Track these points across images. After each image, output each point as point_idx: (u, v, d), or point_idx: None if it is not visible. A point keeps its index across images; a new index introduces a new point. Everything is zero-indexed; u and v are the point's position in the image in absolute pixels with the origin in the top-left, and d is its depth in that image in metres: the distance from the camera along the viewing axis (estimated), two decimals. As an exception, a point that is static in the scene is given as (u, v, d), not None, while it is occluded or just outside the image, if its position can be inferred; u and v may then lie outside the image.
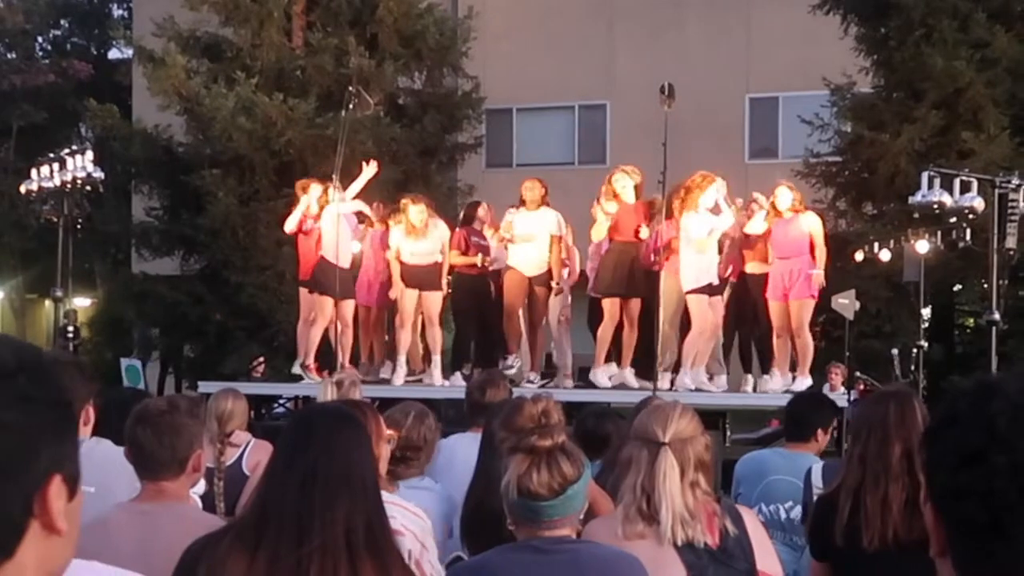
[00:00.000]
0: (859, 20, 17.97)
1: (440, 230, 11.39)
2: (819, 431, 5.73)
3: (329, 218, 11.04)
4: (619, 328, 11.03)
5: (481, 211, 11.82)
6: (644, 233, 10.78)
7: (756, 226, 10.81)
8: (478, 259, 11.22)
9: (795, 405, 6.02)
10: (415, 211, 11.21)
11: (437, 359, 11.38)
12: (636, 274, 10.83)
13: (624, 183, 10.93)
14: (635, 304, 10.92)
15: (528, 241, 11.09)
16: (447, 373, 11.54)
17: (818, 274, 10.49)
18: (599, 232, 11.16)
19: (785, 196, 10.63)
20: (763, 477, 5.57)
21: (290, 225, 11.66)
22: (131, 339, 22.57)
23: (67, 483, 1.29)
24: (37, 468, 1.26)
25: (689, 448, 3.34)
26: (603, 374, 11.11)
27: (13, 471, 1.24)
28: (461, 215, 12.27)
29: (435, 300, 11.36)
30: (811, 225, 10.64)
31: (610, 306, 11.00)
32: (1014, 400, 1.29)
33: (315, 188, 11.53)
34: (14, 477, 1.24)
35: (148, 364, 21.07)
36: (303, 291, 11.74)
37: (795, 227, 10.53)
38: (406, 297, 11.27)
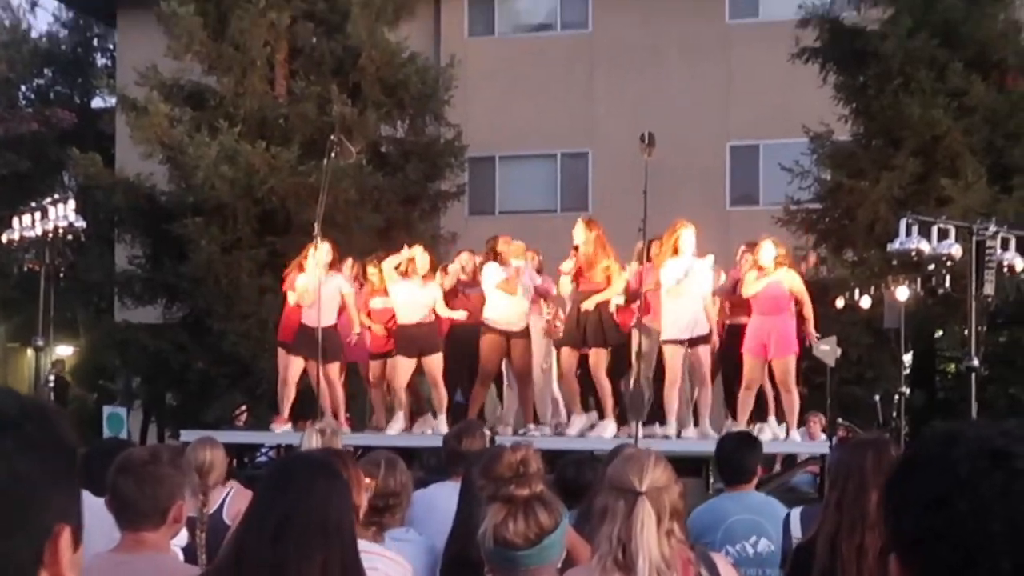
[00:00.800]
0: (837, 69, 18.13)
1: (435, 287, 11.37)
2: (758, 469, 5.83)
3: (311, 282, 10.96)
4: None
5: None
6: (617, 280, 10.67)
7: (754, 288, 10.51)
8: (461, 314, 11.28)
9: (728, 450, 5.88)
10: (423, 257, 11.28)
11: (442, 418, 11.17)
12: (593, 324, 10.60)
13: (579, 235, 10.75)
14: (595, 354, 10.69)
15: (506, 295, 10.98)
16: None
17: (811, 333, 10.64)
18: (563, 287, 11.08)
19: (768, 251, 10.51)
20: (721, 522, 5.54)
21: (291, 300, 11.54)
22: (114, 387, 22.46)
23: (74, 534, 1.30)
24: (48, 518, 1.27)
25: (665, 496, 3.35)
26: (576, 426, 11.00)
27: (25, 520, 1.24)
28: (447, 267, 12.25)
29: (436, 362, 11.20)
30: (791, 282, 10.57)
31: (565, 356, 10.87)
32: (973, 447, 1.34)
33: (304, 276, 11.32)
34: (26, 526, 1.24)
35: (131, 412, 20.95)
36: (281, 351, 11.70)
37: (776, 285, 10.43)
38: (402, 364, 11.18)
